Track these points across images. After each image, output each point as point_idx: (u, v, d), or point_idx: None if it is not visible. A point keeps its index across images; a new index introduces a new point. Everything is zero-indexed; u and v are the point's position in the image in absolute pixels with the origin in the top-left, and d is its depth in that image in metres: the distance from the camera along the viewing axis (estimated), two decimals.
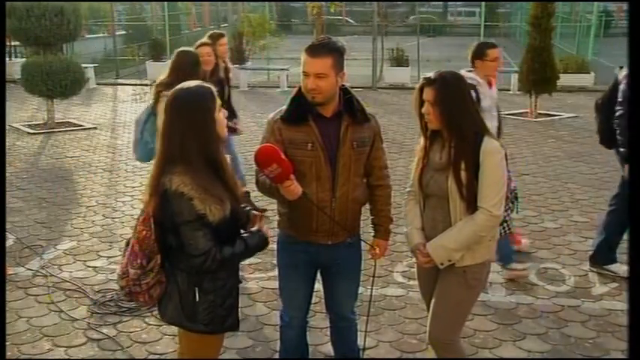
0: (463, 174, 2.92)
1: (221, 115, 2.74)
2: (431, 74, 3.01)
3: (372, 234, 3.33)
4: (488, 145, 2.93)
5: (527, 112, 11.79)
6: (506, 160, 3.02)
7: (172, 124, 2.64)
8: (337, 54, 2.93)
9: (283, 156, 2.82)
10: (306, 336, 3.43)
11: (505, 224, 3.16)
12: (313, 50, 2.91)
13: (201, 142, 2.62)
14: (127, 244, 2.79)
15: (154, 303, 2.82)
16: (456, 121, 2.93)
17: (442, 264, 3.02)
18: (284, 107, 3.06)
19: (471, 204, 2.94)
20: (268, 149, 2.81)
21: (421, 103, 3.00)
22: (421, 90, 3.00)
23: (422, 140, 3.12)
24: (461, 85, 3.00)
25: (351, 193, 3.08)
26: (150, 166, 2.85)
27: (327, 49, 2.91)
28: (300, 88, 3.01)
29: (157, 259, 2.69)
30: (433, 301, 3.16)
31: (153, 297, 2.77)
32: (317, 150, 2.98)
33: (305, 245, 3.13)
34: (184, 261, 2.67)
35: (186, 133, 2.61)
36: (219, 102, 2.74)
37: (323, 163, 2.99)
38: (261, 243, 2.81)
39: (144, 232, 2.66)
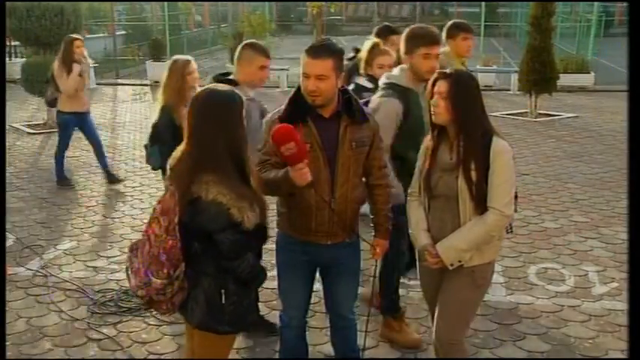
0: (473, 174, 2.92)
1: None
2: (446, 69, 3.02)
3: (372, 233, 3.33)
4: (498, 144, 2.94)
5: (527, 112, 11.79)
6: None
7: (202, 126, 2.61)
8: (338, 56, 2.94)
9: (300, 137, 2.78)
10: (305, 336, 3.43)
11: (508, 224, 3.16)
12: (314, 52, 2.91)
13: (231, 145, 2.60)
14: (132, 250, 2.74)
15: (175, 310, 2.81)
16: (464, 117, 2.93)
17: (452, 265, 3.01)
18: (282, 107, 3.06)
19: (481, 204, 2.94)
20: (287, 127, 2.76)
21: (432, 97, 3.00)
22: (433, 84, 3.00)
23: (426, 141, 3.13)
24: (473, 85, 3.02)
25: (350, 194, 3.08)
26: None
27: (328, 51, 2.91)
28: (298, 89, 3.00)
29: (182, 266, 2.66)
30: (439, 301, 3.15)
31: (175, 304, 2.75)
32: (316, 151, 2.97)
33: (304, 245, 3.13)
34: (212, 265, 2.66)
35: (218, 135, 2.58)
36: None
37: (322, 164, 2.99)
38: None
39: (170, 242, 2.60)
